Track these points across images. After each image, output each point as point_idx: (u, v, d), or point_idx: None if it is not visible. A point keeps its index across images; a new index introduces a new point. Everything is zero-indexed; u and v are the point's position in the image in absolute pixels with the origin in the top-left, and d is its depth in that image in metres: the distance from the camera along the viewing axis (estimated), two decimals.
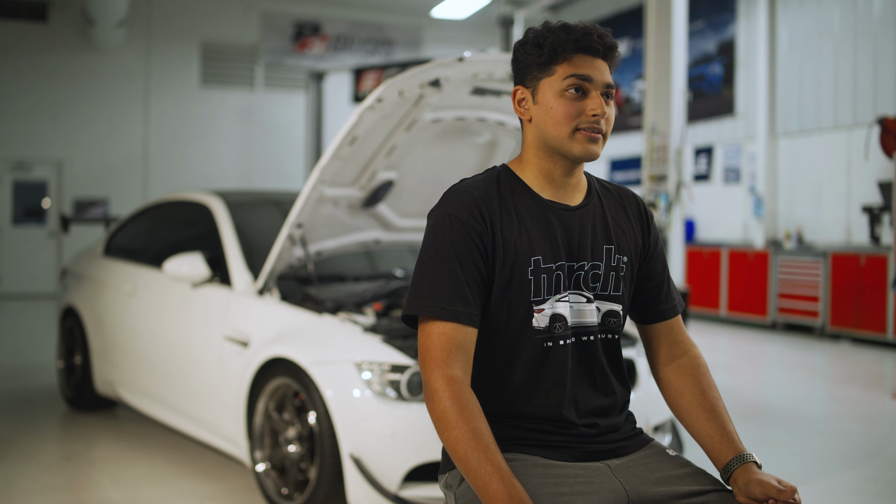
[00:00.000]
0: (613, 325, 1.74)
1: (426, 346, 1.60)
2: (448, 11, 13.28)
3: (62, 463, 4.29)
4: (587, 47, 1.66)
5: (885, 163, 8.69)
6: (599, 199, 1.78)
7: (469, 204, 1.65)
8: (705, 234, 12.16)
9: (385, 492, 3.12)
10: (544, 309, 1.66)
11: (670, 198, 8.11)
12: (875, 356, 8.29)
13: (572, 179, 1.74)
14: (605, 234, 1.74)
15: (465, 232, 1.62)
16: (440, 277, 1.61)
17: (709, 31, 12.19)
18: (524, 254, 1.65)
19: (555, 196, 1.72)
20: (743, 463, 1.65)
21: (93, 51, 13.71)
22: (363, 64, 14.10)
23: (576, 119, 1.65)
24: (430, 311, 1.60)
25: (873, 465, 4.49)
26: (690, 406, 1.75)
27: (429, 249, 1.64)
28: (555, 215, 1.70)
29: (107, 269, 5.14)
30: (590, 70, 1.65)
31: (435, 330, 1.59)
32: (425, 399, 1.58)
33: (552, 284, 1.67)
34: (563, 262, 1.68)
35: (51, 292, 12.58)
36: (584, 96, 1.65)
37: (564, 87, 1.65)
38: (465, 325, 1.60)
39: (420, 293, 1.62)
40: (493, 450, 1.49)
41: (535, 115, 1.70)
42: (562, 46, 1.66)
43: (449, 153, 4.13)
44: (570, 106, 1.65)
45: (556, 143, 1.67)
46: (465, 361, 1.59)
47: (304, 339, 3.47)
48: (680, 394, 1.78)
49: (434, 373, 1.57)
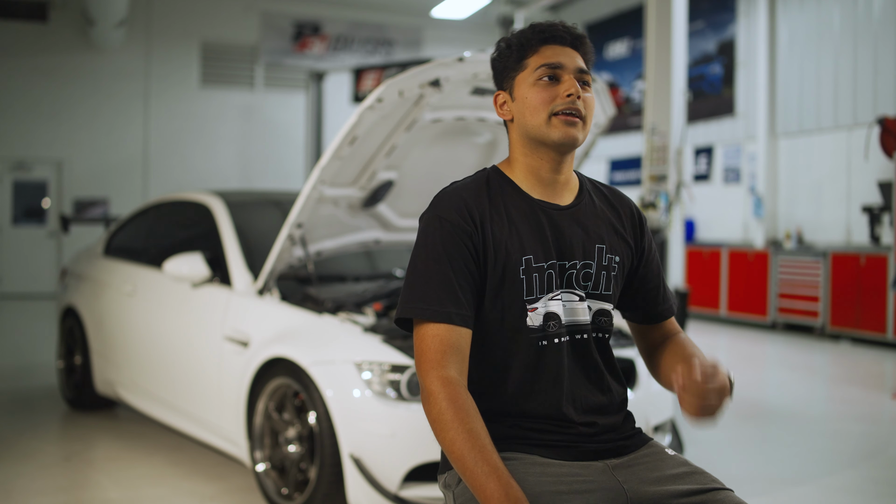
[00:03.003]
0: (604, 323, 1.76)
1: (421, 349, 1.61)
2: (448, 11, 13.29)
3: (62, 463, 4.30)
4: (553, 37, 1.70)
5: (885, 163, 8.69)
6: (591, 198, 1.79)
7: (459, 206, 1.66)
8: (705, 234, 12.16)
9: (385, 492, 3.12)
10: (538, 308, 1.67)
11: (670, 198, 8.11)
12: (875, 356, 8.29)
13: (560, 177, 1.74)
14: (597, 234, 1.75)
15: (455, 234, 1.64)
16: (432, 280, 1.62)
17: (709, 31, 12.19)
18: (515, 253, 1.66)
19: (544, 195, 1.74)
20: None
21: (93, 51, 13.72)
22: (363, 64, 14.10)
23: (551, 103, 1.67)
24: (423, 313, 1.61)
25: (873, 465, 4.49)
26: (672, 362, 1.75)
27: (420, 253, 1.66)
28: (545, 215, 1.71)
29: (107, 269, 5.14)
30: (559, 58, 1.68)
31: (429, 332, 1.60)
32: (422, 401, 1.59)
33: (544, 283, 1.68)
34: (554, 262, 1.69)
35: (51, 292, 12.58)
36: (558, 81, 1.68)
37: (537, 76, 1.68)
38: (459, 326, 1.61)
39: (413, 296, 1.63)
40: (489, 450, 1.50)
41: (515, 111, 1.72)
42: (528, 41, 1.70)
43: (449, 153, 4.13)
44: (544, 92, 1.67)
45: (535, 131, 1.68)
46: (460, 362, 1.60)
47: (304, 339, 3.47)
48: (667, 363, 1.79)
49: (430, 374, 1.58)
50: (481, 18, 14.44)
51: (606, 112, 4.22)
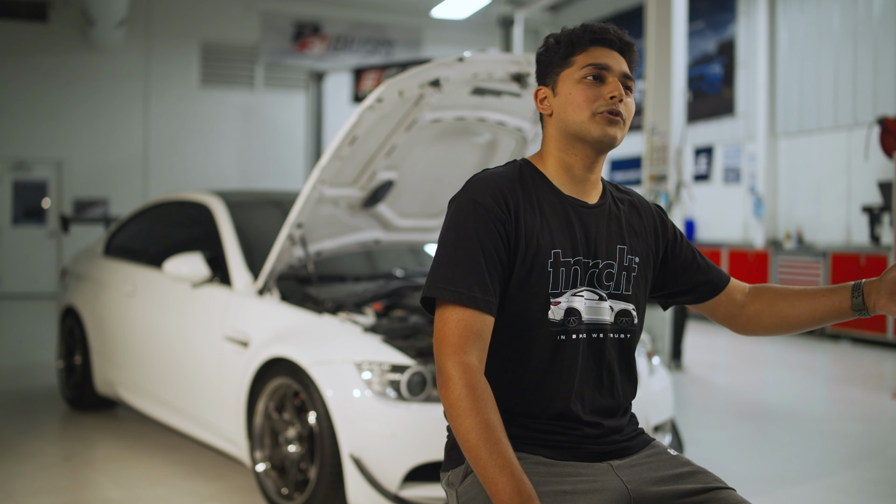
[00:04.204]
0: (626, 324, 1.75)
1: (443, 332, 1.58)
2: (448, 11, 13.28)
3: (62, 463, 4.29)
4: (603, 39, 1.71)
5: (885, 163, 8.69)
6: (614, 200, 1.80)
7: (494, 191, 1.66)
8: (705, 234, 12.16)
9: (385, 492, 3.12)
10: (560, 302, 1.67)
11: (670, 198, 8.11)
12: (875, 356, 8.29)
13: (592, 175, 1.75)
14: (619, 235, 1.76)
15: (488, 219, 1.63)
16: (461, 263, 1.60)
17: (709, 31, 12.19)
18: (545, 245, 1.66)
19: (574, 192, 1.74)
20: (860, 285, 1.71)
21: (93, 51, 13.71)
22: (363, 64, 14.09)
23: (594, 102, 1.68)
24: (449, 294, 1.59)
25: (873, 465, 4.49)
26: (783, 304, 1.82)
27: (451, 234, 1.64)
28: (574, 211, 1.72)
29: (107, 269, 5.14)
30: (607, 59, 1.70)
31: (453, 315, 1.58)
32: (438, 385, 1.57)
33: (570, 278, 1.68)
34: (580, 258, 1.69)
35: (51, 292, 12.58)
36: (602, 82, 1.70)
37: (583, 74, 1.69)
38: (484, 312, 1.59)
39: (440, 277, 1.61)
40: (504, 443, 1.48)
41: (556, 106, 1.73)
42: (579, 39, 1.72)
43: (449, 153, 4.13)
44: (589, 90, 1.69)
45: (576, 127, 1.69)
46: (481, 350, 1.58)
47: (304, 339, 3.47)
48: (768, 305, 1.84)
49: (450, 359, 1.55)
50: (481, 18, 14.44)
51: None
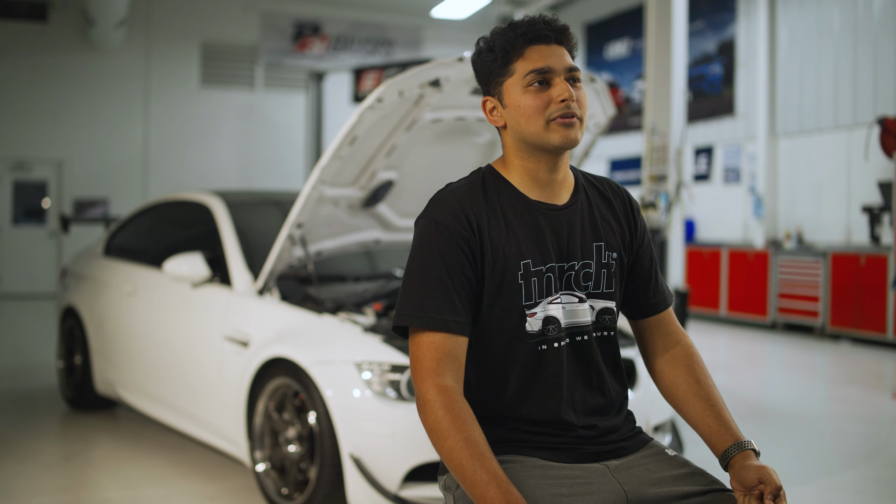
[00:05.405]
0: (608, 322, 1.73)
1: (417, 357, 1.59)
2: (448, 11, 13.28)
3: (62, 463, 4.29)
4: (537, 37, 1.64)
5: (885, 163, 8.68)
6: (586, 195, 1.76)
7: (455, 210, 1.63)
8: (705, 234, 12.16)
9: (385, 492, 3.12)
10: (536, 312, 1.65)
11: (670, 198, 8.11)
12: (875, 356, 8.29)
13: (558, 176, 1.71)
14: (594, 232, 1.72)
15: (452, 239, 1.61)
16: (429, 287, 1.59)
17: (709, 31, 12.18)
18: (513, 258, 1.63)
19: (542, 196, 1.71)
20: (742, 450, 1.64)
21: (93, 51, 13.71)
22: (363, 64, 14.09)
23: (546, 110, 1.63)
24: (419, 321, 1.58)
25: (873, 465, 4.49)
26: (686, 396, 1.75)
27: (416, 258, 1.63)
28: (542, 216, 1.69)
29: (107, 269, 5.14)
30: (547, 60, 1.64)
31: (425, 340, 1.58)
32: (418, 410, 1.57)
33: (543, 287, 1.65)
34: (553, 264, 1.67)
35: (51, 292, 12.58)
36: (549, 86, 1.64)
37: (527, 83, 1.64)
38: (455, 334, 1.58)
39: (409, 304, 1.60)
40: (487, 457, 1.48)
41: (508, 118, 1.68)
42: (511, 44, 1.65)
43: (449, 153, 4.13)
44: (537, 98, 1.63)
45: (534, 138, 1.65)
46: (456, 370, 1.58)
47: (304, 339, 3.47)
48: (675, 384, 1.78)
49: (425, 383, 1.56)
50: (481, 18, 14.43)
51: (606, 112, 4.22)
